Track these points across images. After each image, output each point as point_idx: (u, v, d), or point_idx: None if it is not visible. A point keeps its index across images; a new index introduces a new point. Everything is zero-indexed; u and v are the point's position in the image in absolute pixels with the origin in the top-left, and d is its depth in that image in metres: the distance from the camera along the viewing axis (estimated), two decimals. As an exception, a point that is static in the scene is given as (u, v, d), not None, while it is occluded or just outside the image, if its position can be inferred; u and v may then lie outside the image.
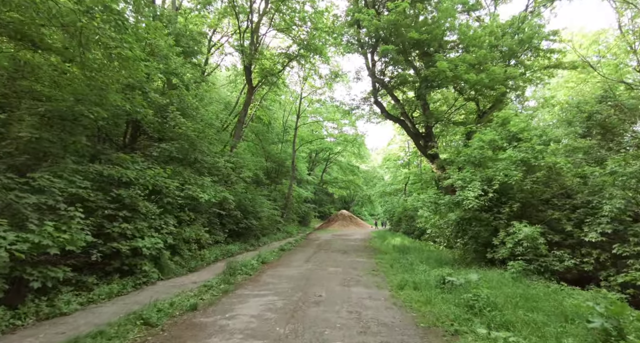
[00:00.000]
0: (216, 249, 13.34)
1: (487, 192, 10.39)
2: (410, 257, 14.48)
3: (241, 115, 19.73)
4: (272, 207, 22.84)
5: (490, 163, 10.94)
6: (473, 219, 10.94)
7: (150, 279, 8.31)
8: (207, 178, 11.96)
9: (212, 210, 13.46)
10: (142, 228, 8.19)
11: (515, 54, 15.75)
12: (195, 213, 12.19)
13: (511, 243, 9.48)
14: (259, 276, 10.27)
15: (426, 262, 12.56)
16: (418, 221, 23.43)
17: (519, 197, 10.21)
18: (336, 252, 16.88)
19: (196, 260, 11.40)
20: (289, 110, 34.36)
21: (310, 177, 39.90)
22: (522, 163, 10.16)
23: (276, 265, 12.46)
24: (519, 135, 11.12)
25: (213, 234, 13.79)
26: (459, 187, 11.15)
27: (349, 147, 41.90)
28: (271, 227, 23.85)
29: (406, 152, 38.10)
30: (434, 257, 13.89)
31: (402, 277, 9.76)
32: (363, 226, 44.96)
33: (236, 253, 14.75)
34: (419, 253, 15.71)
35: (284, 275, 10.45)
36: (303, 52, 22.03)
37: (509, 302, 6.41)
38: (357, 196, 55.60)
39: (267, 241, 20.46)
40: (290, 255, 15.32)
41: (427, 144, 17.78)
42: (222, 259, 13.16)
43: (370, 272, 11.03)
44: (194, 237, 10.70)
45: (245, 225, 16.64)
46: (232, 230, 15.80)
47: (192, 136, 11.29)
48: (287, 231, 27.00)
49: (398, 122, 17.91)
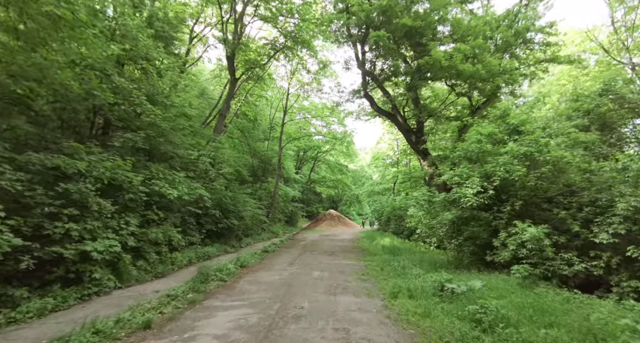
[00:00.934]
0: (190, 252, 12.08)
1: (486, 189, 9.44)
2: (401, 258, 13.51)
3: (223, 108, 18.45)
4: (256, 206, 21.60)
5: (490, 158, 10.01)
6: (471, 219, 9.99)
7: (103, 288, 7.04)
8: (181, 174, 10.70)
9: (186, 208, 12.19)
10: (94, 228, 6.92)
11: (511, 47, 14.94)
12: (166, 212, 10.93)
13: (514, 245, 8.54)
14: (235, 282, 9.08)
15: (419, 265, 11.59)
16: (408, 221, 22.57)
17: (522, 195, 9.30)
18: (323, 253, 15.79)
19: (165, 264, 10.14)
20: (276, 106, 33.13)
21: (298, 175, 38.73)
22: (524, 157, 9.25)
23: (257, 269, 11.28)
24: (520, 127, 10.22)
25: (188, 235, 12.51)
26: (455, 184, 10.19)
27: (337, 146, 40.92)
28: (255, 227, 22.61)
29: (395, 151, 37.32)
30: (427, 259, 12.94)
31: (395, 283, 8.72)
32: (351, 226, 44.01)
33: (214, 255, 13.50)
34: (410, 254, 14.76)
35: (263, 281, 9.29)
36: (290, 43, 20.89)
37: (522, 316, 5.41)
38: (346, 196, 54.67)
39: (250, 242, 19.23)
40: (274, 258, 14.15)
41: (418, 139, 16.85)
42: (197, 263, 11.91)
43: (360, 276, 9.96)
44: (162, 238, 9.42)
45: (225, 225, 15.38)
46: (210, 231, 14.53)
47: (162, 126, 10.02)
48: (273, 231, 25.78)
49: (389, 116, 16.95)
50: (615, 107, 12.42)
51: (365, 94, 16.15)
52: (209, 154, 14.06)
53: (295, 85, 27.75)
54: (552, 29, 15.22)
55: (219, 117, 18.41)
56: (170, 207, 11.32)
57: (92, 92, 8.03)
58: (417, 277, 9.47)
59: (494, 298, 6.06)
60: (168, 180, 9.77)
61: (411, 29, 13.25)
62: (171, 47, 15.67)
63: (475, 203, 9.24)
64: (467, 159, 11.03)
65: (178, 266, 10.68)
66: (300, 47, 21.85)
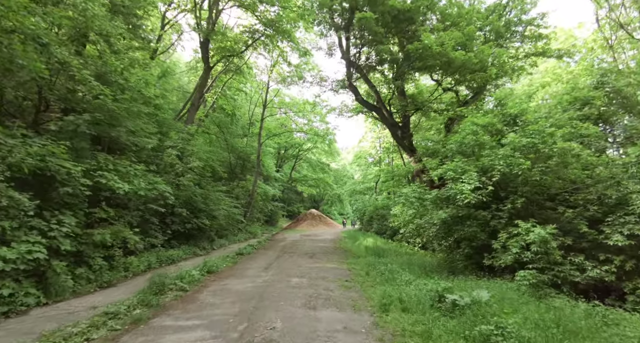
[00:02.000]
0: (151, 255, 10.50)
1: (485, 184, 8.39)
2: (387, 261, 12.36)
3: (195, 98, 16.85)
4: (232, 204, 20.04)
5: (487, 151, 8.97)
6: (467, 218, 8.92)
7: (17, 307, 5.46)
8: (139, 166, 9.13)
9: (148, 206, 10.60)
10: (4, 229, 5.34)
11: (502, 37, 14.11)
12: (120, 210, 9.35)
13: (516, 247, 7.49)
14: (197, 292, 7.63)
15: (408, 269, 10.45)
16: (391, 220, 21.59)
17: (524, 191, 8.29)
18: (303, 255, 14.46)
19: (117, 270, 8.57)
20: (255, 101, 31.53)
21: (279, 174, 37.22)
22: (527, 149, 8.25)
23: (226, 275, 9.84)
24: (519, 118, 9.25)
25: (149, 236, 10.93)
26: (449, 180, 9.09)
27: (319, 144, 39.68)
28: (231, 227, 21.04)
29: (377, 149, 36.43)
30: (415, 261, 11.84)
31: (384, 291, 7.51)
32: (332, 225, 42.85)
33: (180, 259, 11.94)
34: (396, 256, 13.66)
35: (232, 290, 7.88)
36: (270, 32, 19.44)
37: (551, 340, 4.29)
38: (327, 195, 53.47)
39: (224, 243, 17.68)
40: (248, 261, 12.72)
41: (404, 134, 15.82)
42: (159, 268, 10.36)
43: (343, 283, 8.71)
44: (110, 240, 7.86)
45: (195, 226, 13.80)
46: (177, 232, 12.93)
47: (115, 109, 8.43)
48: (251, 232, 24.25)
49: (373, 109, 15.85)
50: (611, 101, 11.71)
51: (349, 85, 14.97)
52: (176, 145, 12.49)
53: (275, 78, 26.30)
54: (542, 21, 14.49)
55: (191, 108, 16.80)
56: (126, 205, 9.73)
57: (19, 62, 6.42)
58: (408, 283, 8.31)
59: (509, 314, 4.93)
60: (120, 173, 8.20)
61: (400, 13, 12.14)
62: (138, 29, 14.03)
63: (473, 201, 8.16)
64: (460, 152, 9.98)
65: (133, 272, 9.11)
66: (281, 37, 20.44)
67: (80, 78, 7.44)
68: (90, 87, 7.67)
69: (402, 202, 10.28)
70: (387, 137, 32.68)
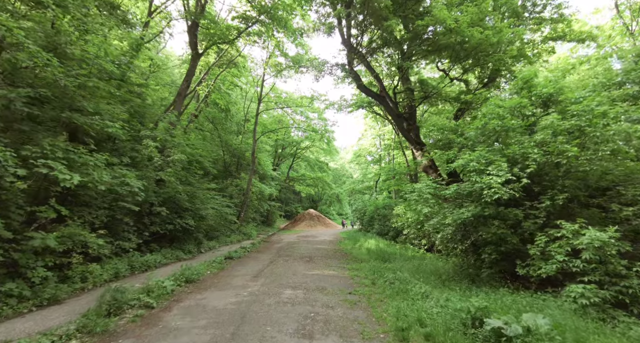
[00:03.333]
0: (122, 262, 8.85)
1: (519, 177, 6.81)
2: (394, 266, 10.80)
3: (182, 87, 15.22)
4: (224, 204, 18.43)
5: (517, 137, 7.40)
6: (494, 217, 7.32)
7: None
8: (101, 156, 7.50)
9: (119, 204, 8.97)
10: None
11: (519, 16, 12.56)
12: (82, 209, 7.73)
13: (561, 254, 5.91)
14: (164, 311, 6.02)
15: (420, 277, 8.88)
16: (394, 221, 20.01)
17: (566, 185, 6.71)
18: (299, 259, 12.86)
19: (73, 282, 6.94)
20: (251, 97, 29.90)
21: (276, 173, 35.56)
22: (571, 133, 6.68)
23: (208, 284, 8.22)
24: (555, 97, 7.67)
25: (120, 239, 9.29)
26: (472, 172, 7.50)
27: (317, 142, 37.99)
28: (223, 228, 19.43)
29: (377, 147, 34.84)
30: (426, 267, 10.27)
31: (398, 309, 5.94)
32: (331, 226, 41.25)
33: (159, 265, 10.30)
34: (403, 261, 12.09)
35: (208, 307, 6.27)
36: (264, 19, 17.85)
37: None
38: (326, 195, 51.83)
39: (214, 246, 16.05)
40: (237, 266, 11.10)
41: (410, 127, 14.24)
42: (129, 276, 8.74)
43: (346, 297, 7.10)
44: (53, 245, 6.22)
45: (178, 227, 12.16)
46: (156, 234, 11.31)
47: (68, 87, 6.80)
48: (245, 233, 22.60)
49: (377, 98, 14.28)
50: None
51: (350, 70, 13.37)
52: (155, 136, 10.87)
53: (271, 72, 24.65)
54: (564, 0, 12.95)
55: (177, 98, 15.16)
56: (89, 202, 8.10)
57: None
58: (425, 297, 6.73)
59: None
60: (73, 162, 6.57)
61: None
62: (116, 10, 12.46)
63: (505, 196, 6.57)
64: (482, 141, 8.40)
65: (94, 283, 7.47)
66: (277, 26, 18.85)
67: (12, 41, 5.81)
68: (29, 53, 6.04)
69: (414, 199, 8.65)
70: (388, 134, 31.11)
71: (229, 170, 28.28)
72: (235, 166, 29.11)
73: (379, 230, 22.97)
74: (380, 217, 23.66)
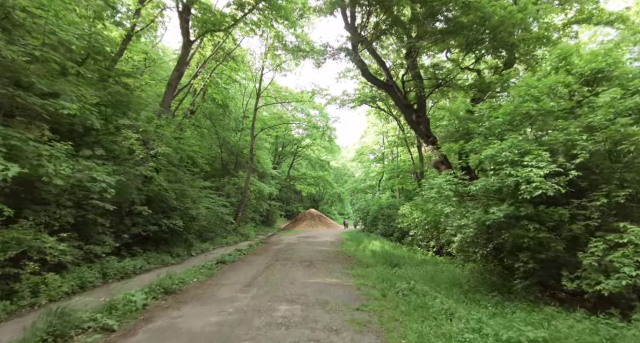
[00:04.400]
0: (91, 269, 7.56)
1: (566, 168, 5.50)
2: (405, 273, 9.50)
3: (172, 77, 13.95)
4: (220, 203, 17.16)
5: (561, 121, 6.08)
6: (529, 218, 5.99)
7: None
8: (62, 146, 6.21)
9: (90, 203, 7.69)
10: None
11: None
12: (37, 207, 6.47)
13: (631, 266, 4.60)
14: (125, 337, 4.72)
15: (437, 287, 7.57)
16: (399, 221, 18.69)
17: (627, 179, 5.39)
18: (298, 264, 11.56)
19: (17, 299, 5.65)
20: (249, 93, 28.60)
21: (276, 171, 34.26)
22: (632, 115, 5.36)
23: (190, 297, 6.93)
24: (607, 73, 6.35)
25: (92, 243, 8.00)
26: (505, 164, 6.16)
27: (318, 140, 36.68)
28: (219, 228, 18.15)
29: (380, 145, 33.50)
30: (443, 275, 8.95)
31: (420, 335, 4.65)
32: (332, 226, 39.94)
33: (139, 271, 9.02)
34: (414, 266, 10.76)
35: (183, 329, 4.99)
36: (263, 5, 16.56)
37: None
38: (327, 194, 50.53)
39: (207, 248, 14.76)
40: (229, 272, 9.81)
41: (420, 119, 12.93)
42: (102, 285, 7.45)
43: (353, 315, 5.79)
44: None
45: (165, 228, 10.88)
46: (138, 236, 10.02)
47: (11, 58, 5.51)
48: (242, 233, 21.31)
49: (384, 88, 13.00)
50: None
51: (355, 56, 12.05)
52: (137, 126, 9.59)
53: (270, 65, 23.36)
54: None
55: (167, 89, 13.89)
56: (46, 200, 6.81)
57: None
58: (449, 315, 5.43)
59: None
60: (17, 150, 5.29)
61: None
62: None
63: (550, 192, 5.26)
64: (511, 129, 7.09)
65: (51, 297, 6.17)
66: (276, 15, 17.57)
67: None
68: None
69: (432, 196, 7.32)
70: (392, 131, 29.78)
71: (227, 168, 27.03)
72: (234, 164, 27.85)
73: (384, 231, 21.64)
74: (385, 217, 22.32)
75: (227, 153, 27.23)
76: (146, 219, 10.56)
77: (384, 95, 23.83)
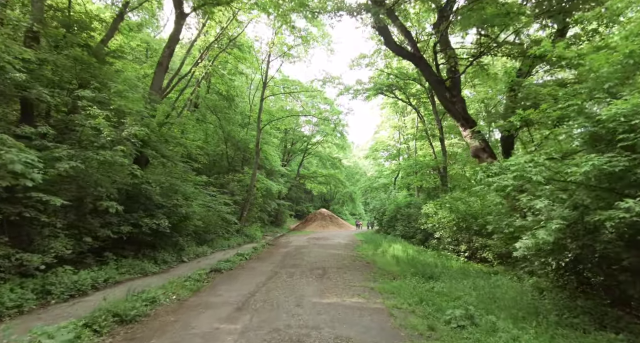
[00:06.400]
0: (20, 288, 5.46)
1: None
2: (448, 289, 7.19)
3: (163, 55, 11.93)
4: (221, 201, 15.10)
5: None
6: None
7: None
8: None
9: (29, 196, 5.62)
10: None
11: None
12: None
13: None
14: None
15: (508, 313, 5.25)
16: (422, 221, 16.29)
17: None
18: (308, 273, 9.33)
19: None
20: (256, 86, 26.57)
21: (285, 169, 32.11)
22: None
23: (150, 332, 4.76)
24: None
25: (32, 250, 5.92)
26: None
27: (329, 137, 34.39)
28: (221, 229, 16.07)
29: (397, 140, 31.02)
30: (504, 294, 6.57)
31: None
32: (344, 226, 37.58)
33: (105, 285, 6.93)
34: (455, 279, 8.37)
35: None
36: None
37: None
38: (339, 193, 48.14)
39: (203, 252, 12.65)
40: (219, 286, 7.63)
41: (454, 98, 10.57)
42: (38, 309, 5.33)
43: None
44: None
45: (146, 229, 8.79)
46: (108, 239, 7.91)
47: None
48: (247, 234, 19.21)
49: (411, 59, 10.72)
50: None
51: (376, 21, 9.71)
52: (105, 100, 7.50)
53: (277, 52, 21.21)
54: None
55: (158, 69, 11.87)
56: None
57: None
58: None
59: None
60: None
61: None
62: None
63: None
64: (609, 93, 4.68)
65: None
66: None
67: None
68: None
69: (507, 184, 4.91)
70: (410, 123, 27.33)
71: (232, 164, 25.03)
72: (240, 161, 25.83)
73: (404, 233, 19.21)
74: (404, 217, 19.90)
75: (232, 149, 25.26)
76: (124, 219, 8.52)
77: (403, 83, 21.55)
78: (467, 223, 12.90)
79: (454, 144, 23.78)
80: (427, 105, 21.69)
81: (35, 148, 5.99)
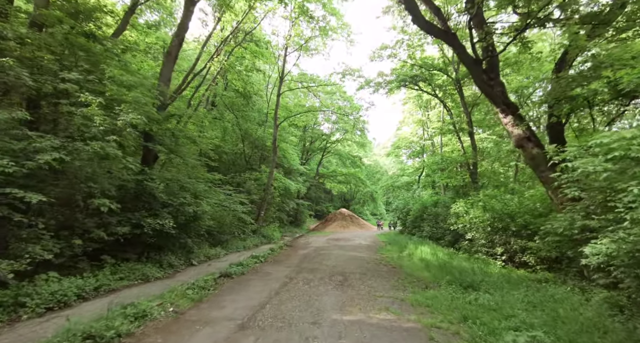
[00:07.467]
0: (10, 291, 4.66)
1: None
2: (495, 303, 5.84)
3: (172, 45, 11.16)
4: (236, 200, 14.22)
5: None
6: None
7: None
8: None
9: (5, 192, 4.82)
10: None
11: None
12: None
13: None
14: None
15: (585, 339, 3.94)
16: (451, 221, 14.80)
17: None
18: (327, 279, 8.21)
19: None
20: (274, 82, 25.71)
21: (304, 167, 31.12)
22: None
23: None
24: None
25: (23, 256, 5.11)
26: None
27: (349, 135, 33.08)
28: (236, 229, 15.22)
29: (421, 137, 29.34)
30: (558, 307, 5.18)
31: None
32: (366, 227, 36.17)
33: (97, 295, 6.07)
34: (501, 289, 6.97)
35: None
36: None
37: None
38: (359, 193, 46.73)
39: (216, 254, 11.75)
40: (225, 296, 6.62)
41: (492, 82, 9.14)
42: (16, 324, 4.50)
43: None
44: None
45: (148, 230, 7.93)
46: (100, 241, 7.06)
47: None
48: (265, 235, 18.30)
49: (442, 37, 9.39)
50: None
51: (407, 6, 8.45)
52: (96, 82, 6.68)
53: (295, 45, 20.21)
54: None
55: (166, 58, 11.12)
56: None
57: None
58: None
59: None
60: None
61: None
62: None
63: None
64: None
65: None
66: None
67: None
68: None
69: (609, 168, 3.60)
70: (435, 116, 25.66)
71: (250, 163, 24.29)
72: (258, 160, 25.05)
73: (431, 234, 17.69)
74: (431, 217, 18.37)
75: (250, 147, 24.52)
76: (125, 218, 7.71)
77: (428, 74, 20.03)
78: (503, 224, 11.49)
79: (483, 138, 21.97)
80: (454, 97, 20.06)
81: (13, 137, 5.19)
